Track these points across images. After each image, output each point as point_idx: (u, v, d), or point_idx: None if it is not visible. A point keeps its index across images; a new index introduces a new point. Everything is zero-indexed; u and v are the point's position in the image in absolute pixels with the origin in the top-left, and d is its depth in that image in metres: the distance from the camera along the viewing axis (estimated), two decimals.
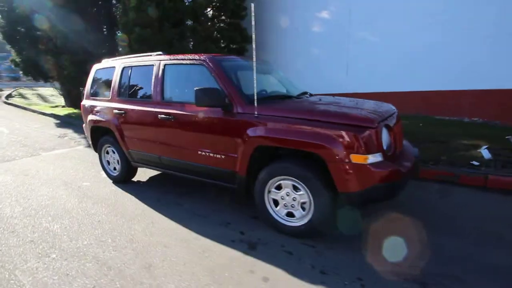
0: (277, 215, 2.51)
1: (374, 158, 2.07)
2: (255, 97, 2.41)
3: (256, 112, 2.43)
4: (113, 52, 8.55)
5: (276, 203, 2.51)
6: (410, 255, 2.16)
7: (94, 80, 4.01)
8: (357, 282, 1.92)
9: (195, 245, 2.40)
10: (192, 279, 1.99)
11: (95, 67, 4.06)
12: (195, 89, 2.51)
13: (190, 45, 7.37)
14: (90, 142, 4.12)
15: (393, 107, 2.83)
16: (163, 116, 3.01)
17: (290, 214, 2.46)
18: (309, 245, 2.35)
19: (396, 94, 6.48)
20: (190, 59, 2.94)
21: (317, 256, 2.22)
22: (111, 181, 3.97)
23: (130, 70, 3.48)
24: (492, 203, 3.08)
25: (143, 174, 4.14)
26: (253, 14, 2.27)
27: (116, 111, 3.51)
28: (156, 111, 3.09)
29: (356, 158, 2.05)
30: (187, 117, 2.85)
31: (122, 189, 3.68)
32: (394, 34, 6.52)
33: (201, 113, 2.74)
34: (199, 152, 2.82)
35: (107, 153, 3.96)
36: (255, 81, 2.39)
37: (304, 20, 8.14)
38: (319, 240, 2.40)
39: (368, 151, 2.05)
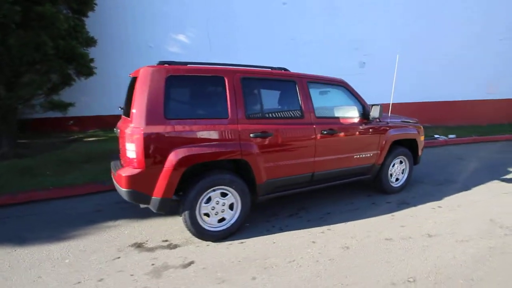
0: (391, 183, 3.96)
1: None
2: (390, 110, 3.70)
3: (388, 120, 3.72)
4: None
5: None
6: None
7: (170, 94, 2.43)
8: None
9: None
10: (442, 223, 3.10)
11: (162, 72, 2.43)
12: (380, 104, 3.27)
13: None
14: (167, 195, 2.40)
15: None
16: (329, 130, 3.12)
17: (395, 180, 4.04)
18: (404, 196, 4.09)
19: None
20: (330, 79, 3.36)
21: (418, 196, 4.05)
22: (208, 243, 2.72)
23: (255, 84, 2.83)
24: None
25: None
26: (396, 63, 3.51)
27: (256, 134, 2.70)
28: (317, 128, 3.07)
29: (421, 138, 4.18)
30: (350, 129, 3.33)
31: (272, 241, 2.83)
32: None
33: (359, 124, 3.41)
34: (355, 156, 3.43)
35: (207, 201, 2.65)
36: (391, 97, 3.66)
37: (162, 37, 7.90)
38: (405, 192, 4.19)
39: (423, 134, 4.27)
